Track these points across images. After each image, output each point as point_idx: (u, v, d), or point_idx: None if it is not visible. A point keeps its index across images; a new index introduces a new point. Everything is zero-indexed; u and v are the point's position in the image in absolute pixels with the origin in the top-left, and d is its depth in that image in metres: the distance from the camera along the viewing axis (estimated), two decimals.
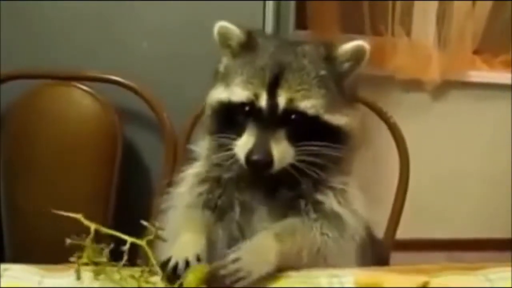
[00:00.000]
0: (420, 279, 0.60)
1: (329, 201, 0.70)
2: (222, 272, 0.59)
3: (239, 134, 0.68)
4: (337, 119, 0.69)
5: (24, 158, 1.16)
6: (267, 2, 1.22)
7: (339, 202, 0.70)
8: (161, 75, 1.23)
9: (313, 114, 0.68)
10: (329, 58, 0.71)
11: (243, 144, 0.66)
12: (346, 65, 0.71)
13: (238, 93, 0.69)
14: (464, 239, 2.10)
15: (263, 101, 0.67)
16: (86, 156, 1.16)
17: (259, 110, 0.67)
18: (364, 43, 0.71)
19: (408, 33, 2.00)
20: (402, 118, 1.17)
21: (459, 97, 2.09)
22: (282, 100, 0.67)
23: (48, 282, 0.62)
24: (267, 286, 0.61)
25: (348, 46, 0.71)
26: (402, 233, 1.15)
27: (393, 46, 1.97)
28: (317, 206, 0.70)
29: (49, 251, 0.79)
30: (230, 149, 0.68)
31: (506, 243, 1.89)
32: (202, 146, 0.76)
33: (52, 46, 1.23)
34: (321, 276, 0.62)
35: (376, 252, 0.84)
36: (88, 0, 1.20)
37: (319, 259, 0.67)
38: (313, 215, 0.69)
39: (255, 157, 0.64)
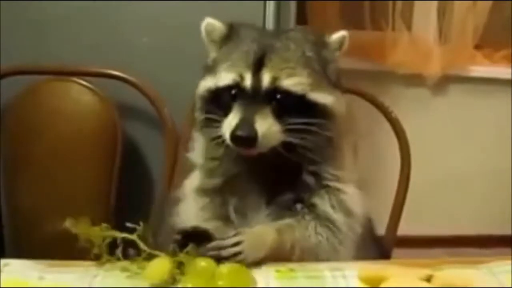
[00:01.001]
0: (424, 272, 0.60)
1: (324, 205, 0.71)
2: (223, 253, 0.62)
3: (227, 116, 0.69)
4: (323, 97, 0.70)
5: (24, 153, 1.16)
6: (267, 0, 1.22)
7: (333, 207, 0.71)
8: (162, 70, 1.22)
9: (298, 92, 0.69)
10: (317, 43, 0.73)
11: (228, 123, 0.68)
12: (332, 52, 0.74)
13: (224, 77, 0.70)
14: (466, 236, 2.10)
15: (247, 81, 0.68)
16: (86, 151, 1.16)
17: (244, 90, 0.68)
18: (346, 33, 0.75)
19: (409, 28, 1.99)
20: (403, 113, 1.16)
21: (460, 92, 2.08)
22: (266, 79, 0.68)
23: (49, 277, 0.62)
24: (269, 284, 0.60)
25: (337, 35, 0.74)
26: (403, 230, 1.15)
27: (394, 41, 1.97)
28: (313, 208, 0.71)
29: (50, 247, 0.79)
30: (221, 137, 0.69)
31: (508, 240, 1.89)
32: (197, 152, 0.77)
33: (52, 41, 1.22)
34: (325, 270, 0.62)
35: (377, 248, 0.84)
36: None
37: (311, 256, 0.68)
38: (308, 217, 0.70)
39: (238, 132, 0.65)
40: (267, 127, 0.66)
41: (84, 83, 1.16)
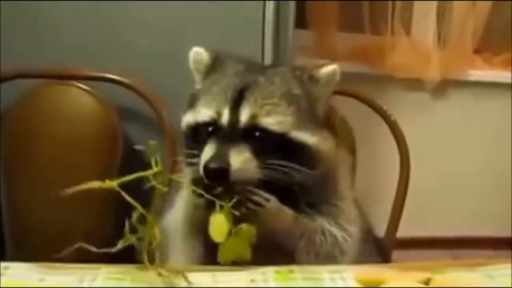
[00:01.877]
0: (422, 276, 0.60)
1: (319, 221, 0.70)
2: (253, 197, 0.62)
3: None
4: (307, 137, 0.67)
5: (24, 157, 1.16)
6: (267, 1, 1.22)
7: (328, 223, 0.70)
8: (160, 73, 1.23)
9: (278, 131, 0.65)
10: (306, 79, 0.70)
11: (203, 157, 0.65)
12: (322, 88, 0.70)
13: (202, 113, 0.68)
14: (465, 237, 2.11)
15: (225, 118, 0.66)
16: (85, 155, 1.16)
17: (221, 127, 0.66)
18: (337, 67, 0.71)
19: (408, 32, 2.01)
20: (402, 117, 1.17)
21: (459, 96, 2.09)
22: (244, 116, 0.65)
23: (49, 279, 0.62)
24: (270, 283, 0.61)
25: (327, 69, 0.70)
26: (403, 231, 1.16)
27: (393, 44, 1.98)
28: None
29: (51, 250, 0.79)
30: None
31: (507, 242, 1.90)
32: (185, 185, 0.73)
33: (51, 44, 1.22)
34: (323, 272, 0.62)
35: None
36: None
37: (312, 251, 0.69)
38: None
39: (211, 165, 0.63)
40: (242, 161, 0.63)
41: (84, 86, 1.16)
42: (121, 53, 1.23)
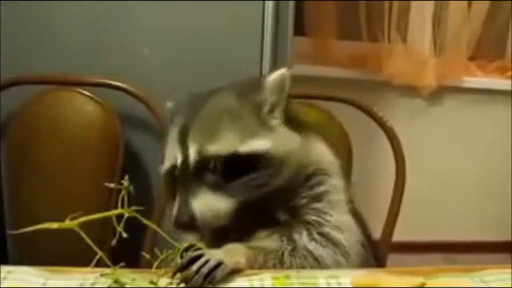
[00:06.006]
0: (417, 280, 0.61)
1: (302, 239, 0.68)
2: (194, 268, 0.58)
3: None
4: (259, 145, 0.66)
5: (27, 163, 1.17)
6: (266, 5, 1.24)
7: (314, 240, 0.68)
8: (162, 81, 1.24)
9: (228, 152, 0.65)
10: (246, 92, 0.69)
11: (173, 211, 0.66)
12: (269, 94, 0.68)
13: (166, 162, 0.69)
14: (461, 242, 2.12)
15: (179, 161, 0.66)
16: (88, 161, 1.17)
17: (179, 170, 0.66)
18: (286, 71, 0.69)
19: (404, 39, 2.03)
20: (398, 123, 1.19)
21: (454, 103, 2.12)
22: (192, 152, 0.66)
23: (51, 283, 0.63)
24: (266, 285, 0.62)
25: (274, 76, 0.69)
26: (398, 235, 1.17)
27: (389, 52, 2.00)
28: (292, 243, 0.68)
29: (53, 254, 0.80)
30: None
31: (502, 246, 1.91)
32: None
33: (53, 52, 1.23)
34: (320, 277, 0.63)
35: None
36: (90, 0, 1.21)
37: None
38: (285, 244, 0.67)
39: (179, 220, 0.64)
40: (204, 202, 0.64)
41: (87, 93, 1.17)
42: (124, 59, 1.24)
